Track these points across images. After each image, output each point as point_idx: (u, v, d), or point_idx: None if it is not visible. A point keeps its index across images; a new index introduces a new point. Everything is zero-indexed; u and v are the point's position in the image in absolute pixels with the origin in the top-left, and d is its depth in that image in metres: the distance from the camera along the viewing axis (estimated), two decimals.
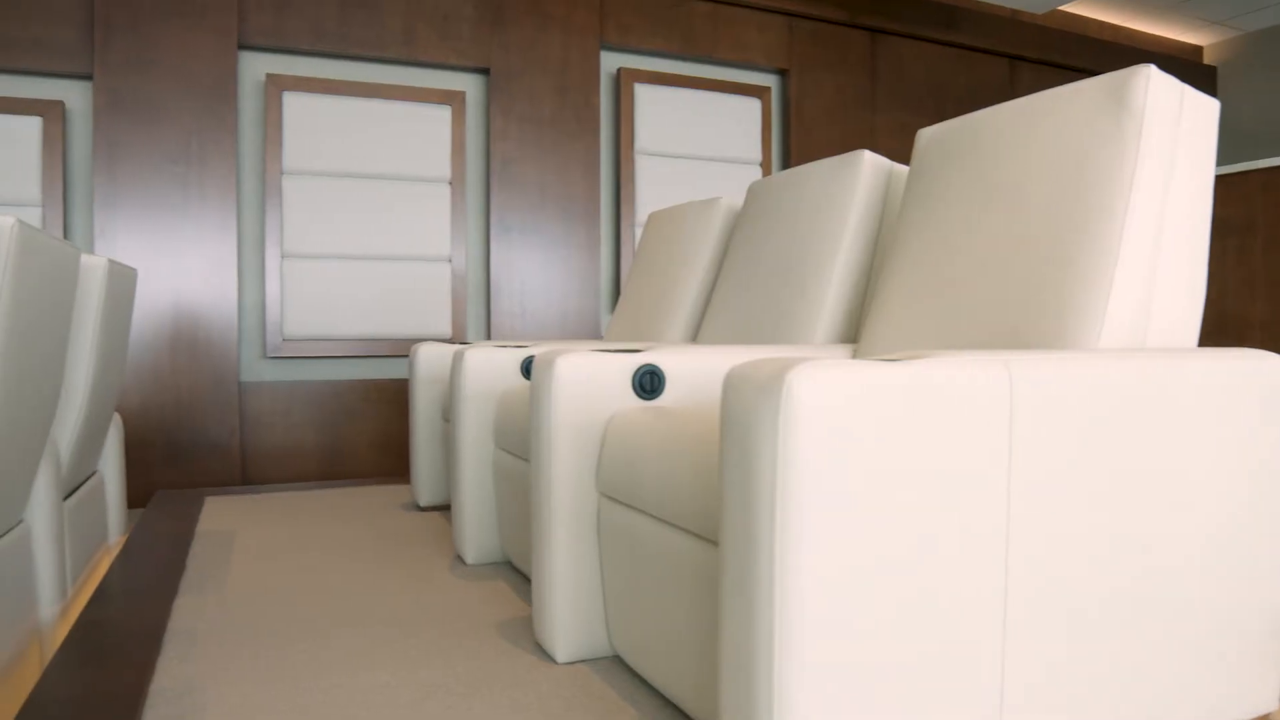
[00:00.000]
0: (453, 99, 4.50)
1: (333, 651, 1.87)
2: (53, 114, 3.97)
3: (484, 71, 4.60)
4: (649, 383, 1.73)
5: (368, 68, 4.44)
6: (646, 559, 1.56)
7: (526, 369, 2.47)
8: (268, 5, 4.22)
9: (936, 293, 1.75)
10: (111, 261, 2.22)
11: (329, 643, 1.93)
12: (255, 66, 4.28)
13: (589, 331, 4.74)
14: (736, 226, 2.78)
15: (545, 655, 1.83)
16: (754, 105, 5.12)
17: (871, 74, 5.51)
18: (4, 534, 1.82)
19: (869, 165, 2.28)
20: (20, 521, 1.95)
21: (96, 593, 2.26)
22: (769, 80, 5.30)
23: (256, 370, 4.24)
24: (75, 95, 4.07)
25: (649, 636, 1.58)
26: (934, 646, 1.08)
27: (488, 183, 4.58)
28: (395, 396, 4.39)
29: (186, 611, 2.15)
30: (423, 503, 3.29)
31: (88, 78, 4.05)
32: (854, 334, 2.28)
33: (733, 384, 1.05)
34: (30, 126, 3.92)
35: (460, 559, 2.59)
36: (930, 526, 1.06)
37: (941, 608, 1.08)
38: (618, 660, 1.80)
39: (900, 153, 5.55)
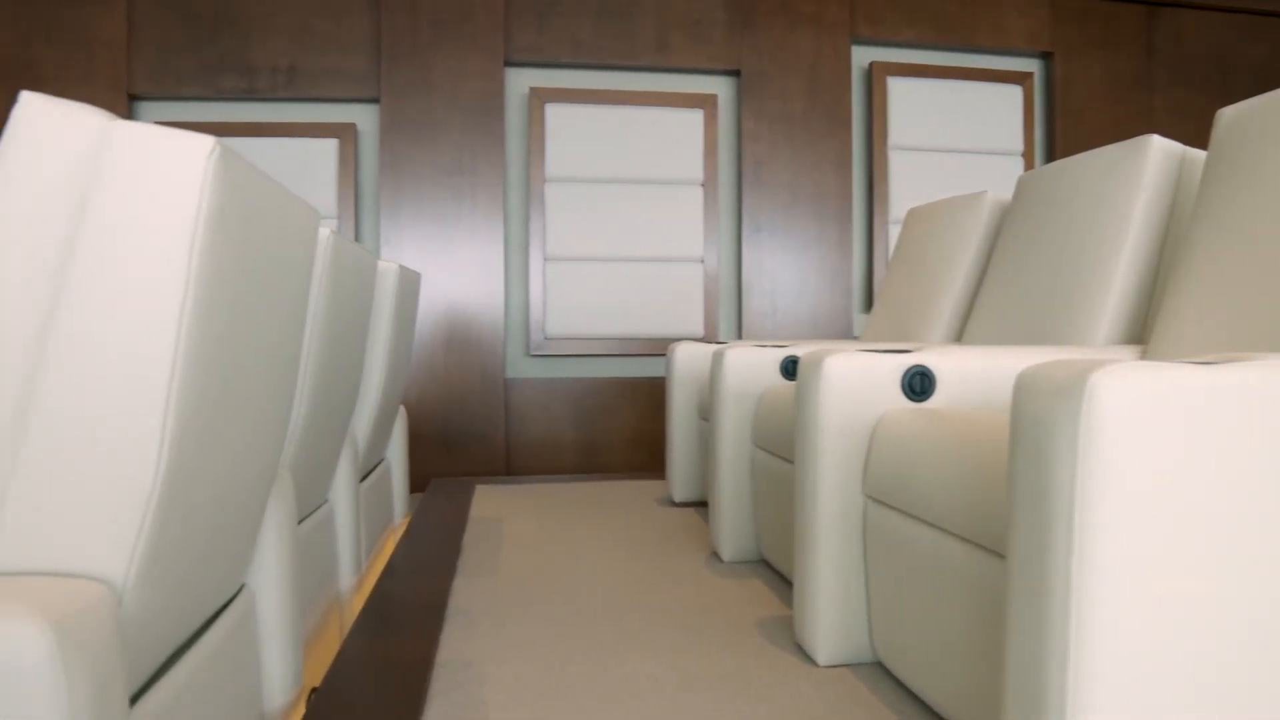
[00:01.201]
0: (704, 102, 4.56)
1: (596, 637, 1.95)
2: (346, 135, 4.37)
3: (735, 74, 4.63)
4: (919, 384, 1.68)
5: (623, 76, 4.58)
6: (916, 564, 1.51)
7: (786, 368, 2.47)
8: (530, 24, 4.45)
9: (1243, 290, 1.59)
10: (401, 266, 2.43)
11: (592, 629, 2.00)
12: (519, 81, 4.52)
13: (840, 331, 4.66)
14: (1005, 221, 2.64)
15: (805, 657, 1.81)
16: (1014, 93, 4.84)
17: (1147, 51, 5.07)
18: (313, 512, 2.02)
19: (1157, 151, 2.10)
20: (325, 501, 2.16)
21: (386, 569, 2.46)
22: (1031, 65, 4.99)
23: (520, 367, 4.49)
24: (365, 118, 4.46)
25: (916, 644, 1.53)
26: (1255, 680, 0.98)
27: (739, 184, 4.61)
28: (650, 394, 4.50)
29: (464, 591, 2.31)
30: (678, 498, 3.35)
31: (375, 101, 4.43)
32: (1138, 335, 2.10)
33: (1026, 387, 1.00)
34: (328, 148, 4.34)
35: (716, 556, 2.62)
36: (1256, 551, 0.96)
37: (1264, 642, 0.97)
38: (880, 666, 1.76)
39: (1183, 136, 5.08)
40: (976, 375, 1.73)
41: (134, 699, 1.00)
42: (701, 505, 3.36)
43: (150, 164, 0.85)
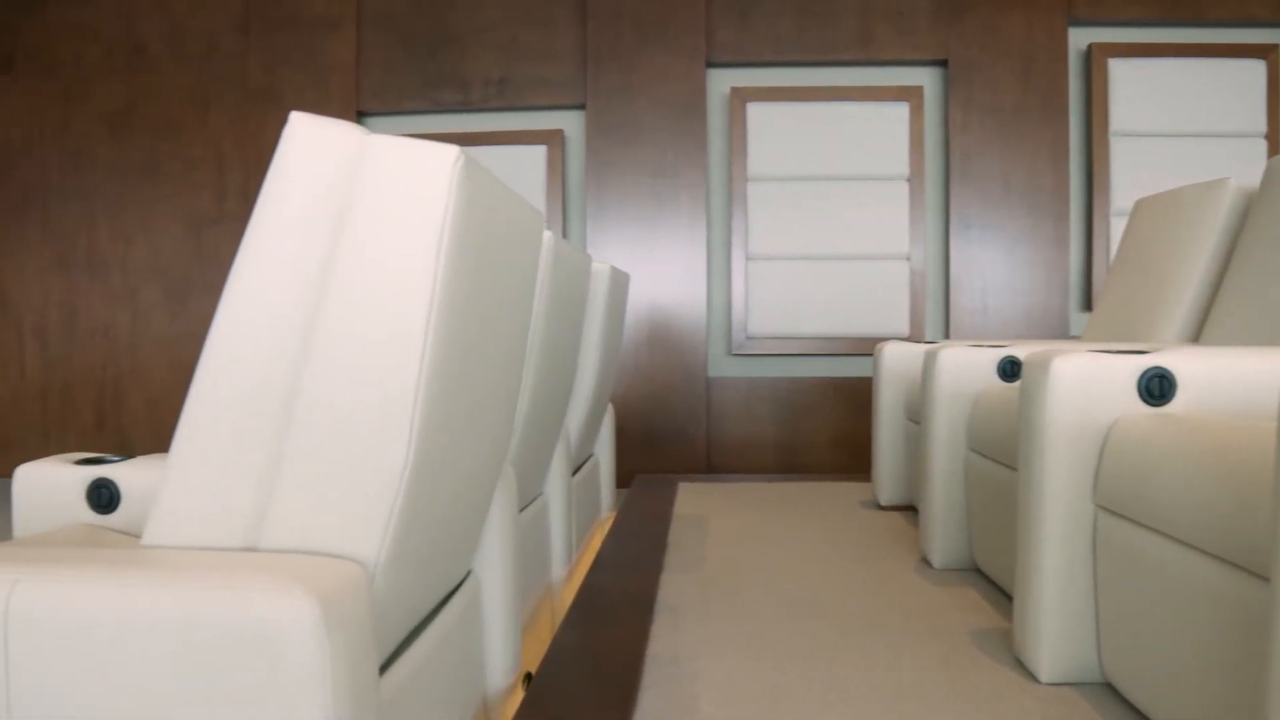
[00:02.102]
0: (910, 95, 4.43)
1: (805, 639, 1.93)
2: (554, 141, 4.53)
3: (942, 64, 4.47)
4: (1157, 387, 1.56)
5: (825, 72, 4.51)
6: (1155, 580, 1.41)
7: (1004, 370, 2.36)
8: (731, 24, 4.46)
9: None
10: (613, 268, 2.49)
11: (800, 630, 1.99)
12: (721, 81, 4.54)
13: (1056, 331, 4.41)
14: (1252, 210, 2.42)
15: (1026, 673, 1.73)
16: (1256, 68, 4.41)
17: None
18: (530, 503, 2.11)
19: None
20: (540, 494, 2.25)
21: (595, 562, 2.53)
22: (1275, 36, 4.54)
23: (722, 366, 4.51)
24: (572, 124, 4.61)
25: (1153, 666, 1.43)
26: None
27: (946, 178, 4.45)
28: (852, 394, 4.42)
29: (672, 586, 2.34)
30: (884, 501, 3.27)
31: (581, 107, 4.57)
32: None
33: None
34: (537, 154, 4.52)
35: (926, 562, 2.54)
36: None
37: None
38: (1108, 687, 1.65)
39: None
40: (1226, 379, 1.60)
41: (381, 670, 1.07)
42: (909, 509, 3.27)
43: (401, 173, 0.92)
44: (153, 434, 4.93)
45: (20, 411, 5.09)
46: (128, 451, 4.84)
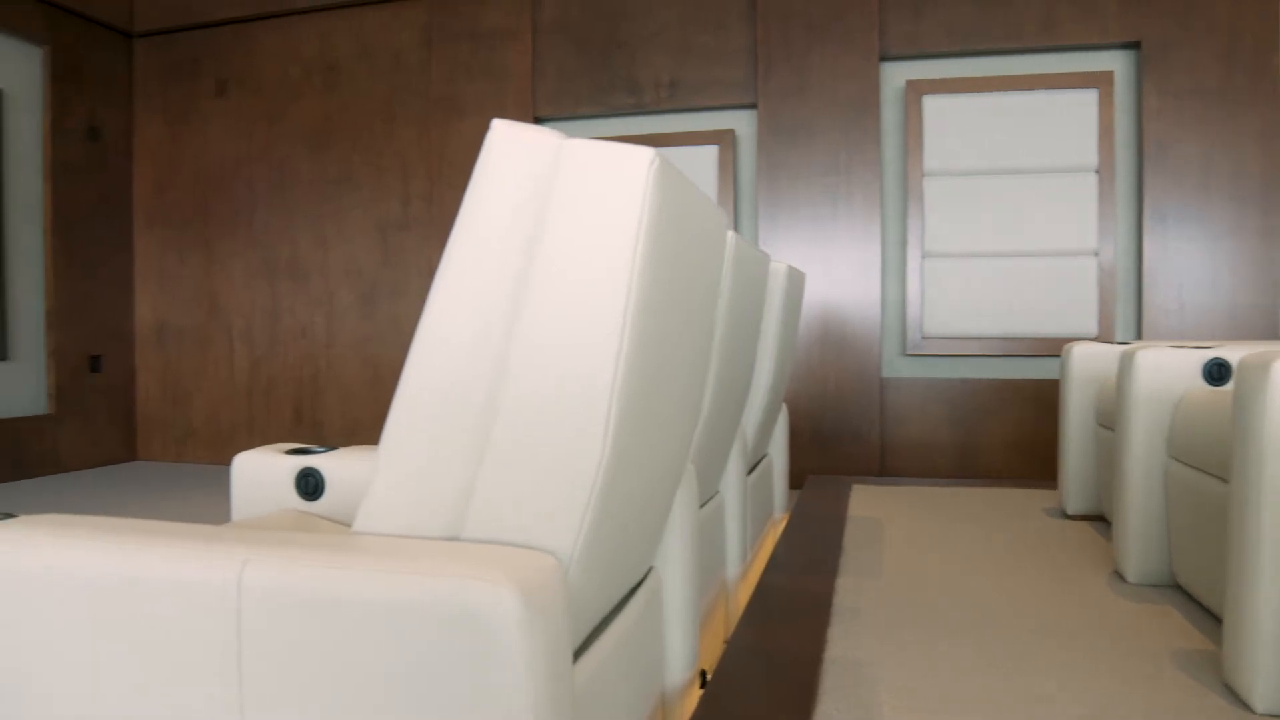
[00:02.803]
0: (1099, 81, 4.19)
1: (988, 650, 1.86)
2: (726, 142, 4.53)
3: (1134, 46, 4.20)
4: None
5: (1005, 61, 4.33)
6: None
7: (1210, 372, 2.20)
8: (906, 16, 4.34)
9: None
10: (790, 266, 2.47)
11: (982, 640, 1.91)
12: (895, 75, 4.43)
13: (1263, 332, 4.08)
14: None
15: (1238, 701, 1.61)
16: None
17: None
18: (707, 501, 2.12)
19: None
20: (717, 493, 2.25)
21: (770, 563, 2.52)
22: None
23: (896, 366, 4.40)
24: (743, 123, 4.60)
25: None
26: None
27: (1139, 168, 4.18)
28: (1034, 396, 4.22)
29: (848, 590, 2.30)
30: (1070, 510, 3.11)
31: (753, 107, 4.55)
32: None
33: None
34: (709, 154, 4.53)
35: (1119, 576, 2.40)
36: None
37: None
38: None
39: None
40: None
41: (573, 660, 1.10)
42: (1098, 519, 3.10)
43: (598, 175, 0.94)
44: (345, 427, 5.24)
45: (229, 406, 5.52)
46: (322, 443, 5.18)
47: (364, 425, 5.19)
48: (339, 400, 5.24)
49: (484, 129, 4.90)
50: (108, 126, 5.58)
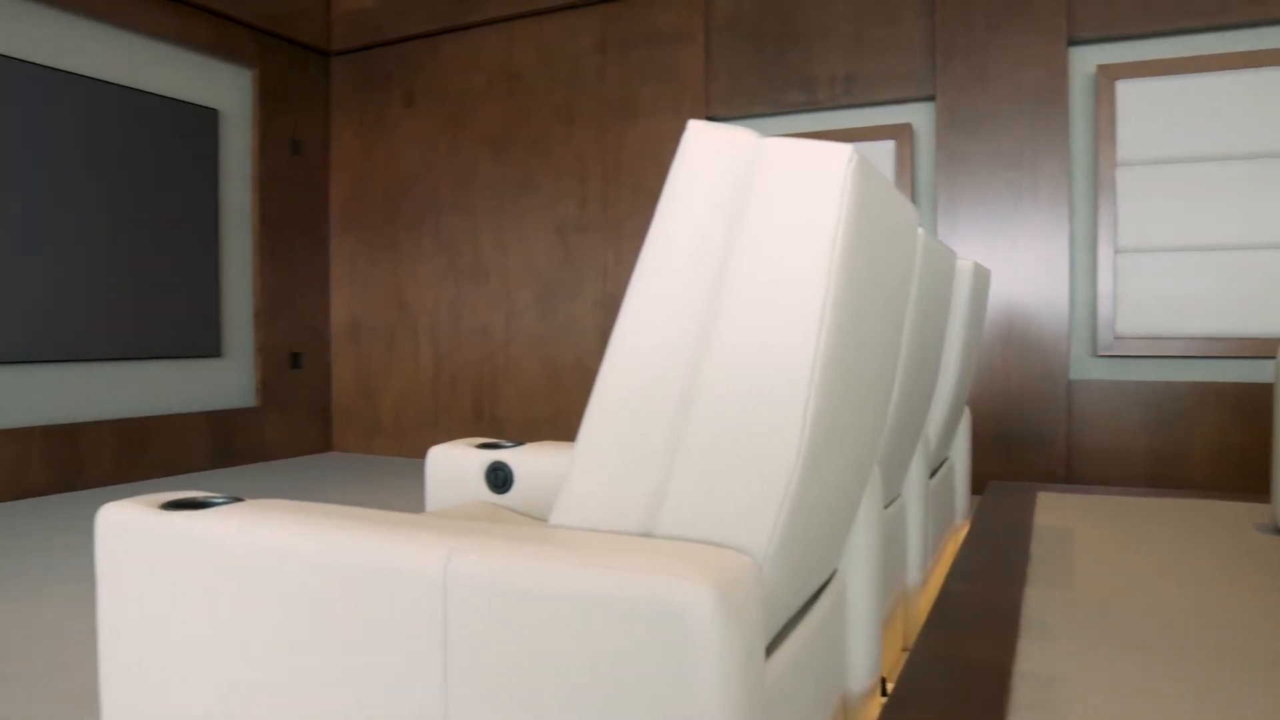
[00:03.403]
0: None
1: (1196, 675, 1.73)
2: (903, 136, 4.41)
3: None
4: None
5: (1209, 39, 4.03)
6: None
7: None
8: None
9: None
10: (976, 264, 2.39)
11: (1192, 664, 1.79)
12: (1084, 61, 4.20)
13: None
14: None
15: None
16: None
17: None
18: (889, 504, 2.07)
19: None
20: (899, 496, 2.20)
21: (953, 570, 2.44)
22: None
23: (1086, 368, 4.17)
24: (921, 117, 4.46)
25: None
26: None
27: None
28: (1241, 401, 3.92)
29: (1037, 602, 2.20)
30: None
31: (931, 99, 4.42)
32: None
33: None
34: (885, 149, 4.43)
35: None
36: None
37: None
38: None
39: None
40: None
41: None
42: None
43: (796, 173, 0.93)
44: (523, 423, 5.41)
45: (414, 400, 5.80)
46: (501, 438, 5.35)
47: (541, 421, 5.35)
48: (517, 397, 5.42)
49: (658, 131, 4.96)
50: (308, 139, 5.97)
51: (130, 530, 1.21)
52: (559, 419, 5.26)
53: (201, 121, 5.33)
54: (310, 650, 1.05)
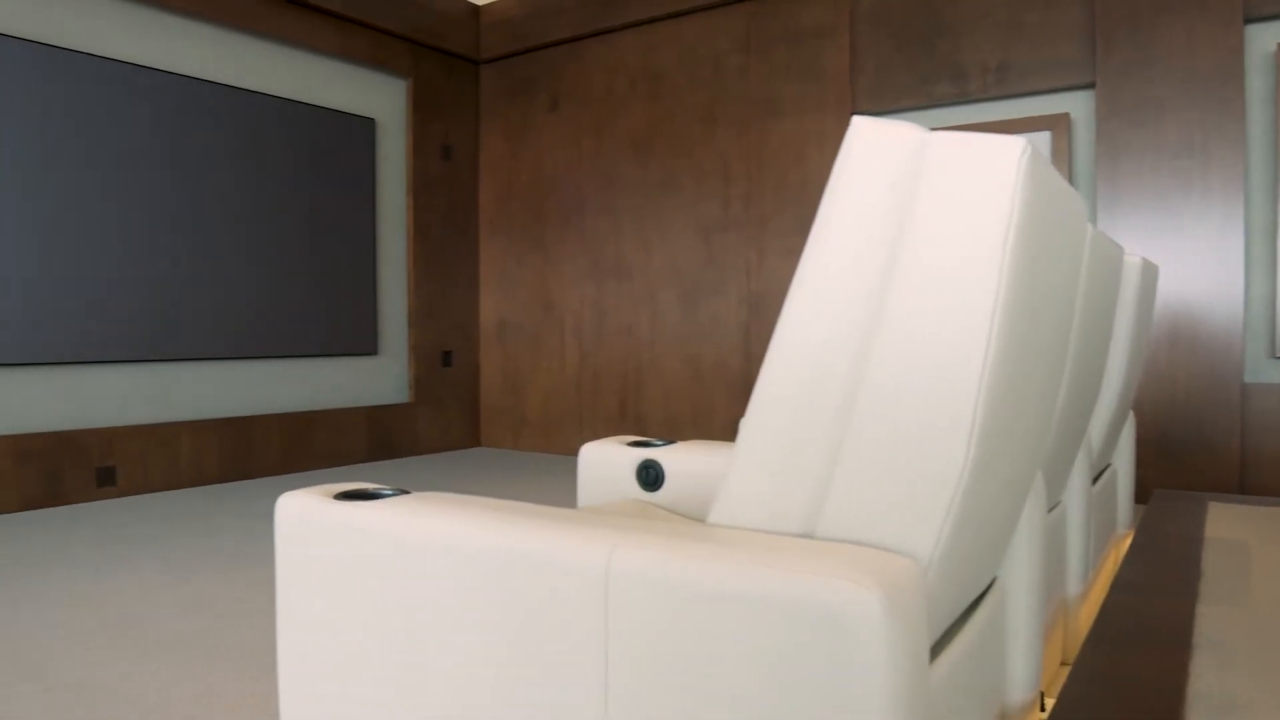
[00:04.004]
0: None
1: None
2: (1059, 126, 4.23)
3: None
4: None
5: None
6: None
7: None
8: None
9: None
10: (1144, 260, 2.27)
11: None
12: (1263, 39, 3.92)
13: None
14: None
15: None
16: None
17: None
18: (1050, 511, 1.99)
19: None
20: (1059, 503, 2.11)
21: (1117, 582, 2.32)
22: None
23: (1263, 370, 3.90)
24: (1079, 106, 4.27)
25: None
26: None
27: None
28: None
29: (1210, 619, 2.07)
30: None
31: (1090, 87, 4.21)
32: None
33: None
34: (1040, 141, 4.25)
35: None
36: None
37: None
38: None
39: None
40: None
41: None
42: None
43: (966, 168, 0.91)
44: (665, 420, 5.45)
45: (560, 398, 5.93)
46: (644, 435, 5.41)
47: (683, 419, 5.38)
48: (660, 395, 5.46)
49: (802, 130, 4.91)
50: (458, 145, 6.18)
51: (306, 518, 1.28)
52: (701, 417, 5.28)
53: (360, 131, 5.58)
54: (473, 640, 1.09)
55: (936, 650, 1.16)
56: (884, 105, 4.68)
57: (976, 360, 0.91)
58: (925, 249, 0.93)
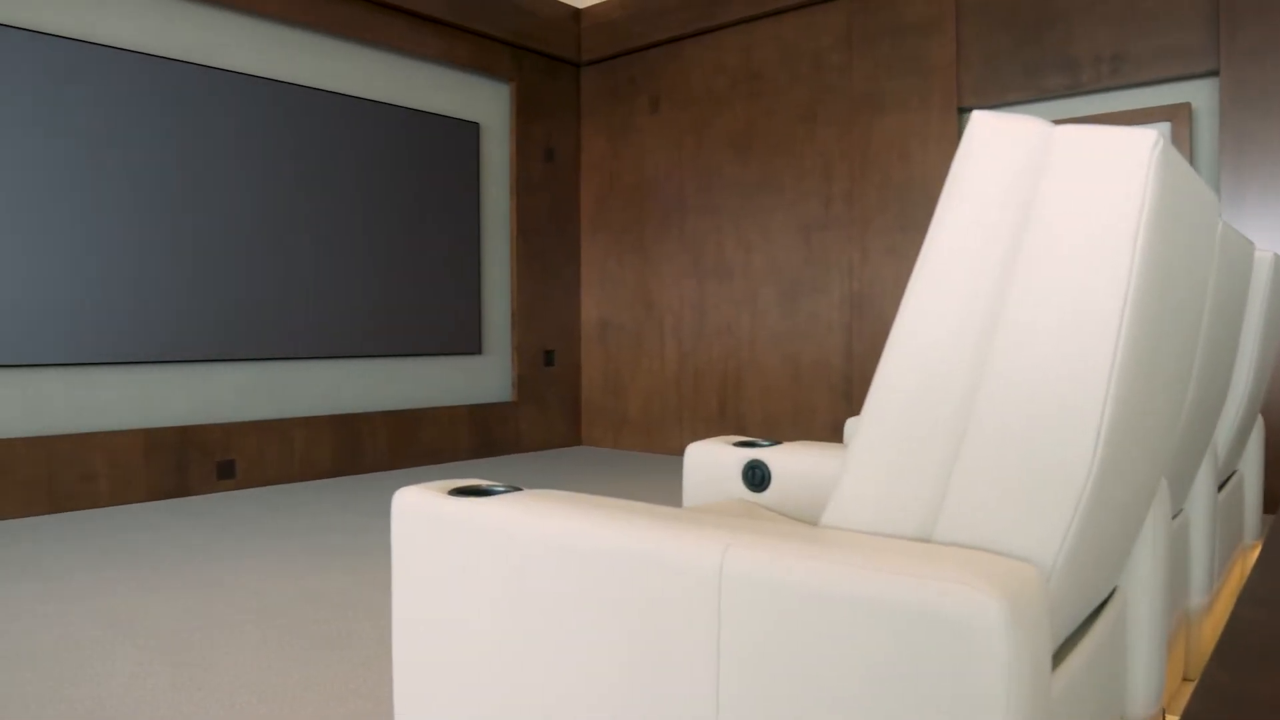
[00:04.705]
0: None
1: None
2: (1180, 117, 4.05)
3: None
4: None
5: None
6: None
7: None
8: None
9: None
10: (1276, 255, 2.16)
11: None
12: None
13: None
14: None
15: None
16: None
17: None
18: (1174, 517, 1.91)
19: None
20: (1182, 510, 2.03)
21: (1244, 594, 2.21)
22: None
23: None
24: (1201, 95, 4.08)
25: None
26: None
27: None
28: None
29: None
30: None
31: (1213, 75, 4.03)
32: None
33: None
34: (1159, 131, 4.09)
35: None
36: None
37: None
38: None
39: None
40: None
41: None
42: None
43: (1094, 162, 0.88)
44: (765, 420, 5.42)
45: (660, 397, 5.95)
46: (743, 434, 5.39)
47: (783, 419, 5.34)
48: (760, 394, 5.43)
49: (906, 126, 4.82)
50: (560, 147, 6.26)
51: (422, 514, 1.31)
52: (801, 416, 5.23)
53: (464, 135, 5.70)
54: (585, 637, 1.10)
55: (1056, 660, 1.13)
56: (990, 99, 4.56)
57: (1105, 358, 0.88)
58: (1050, 245, 0.90)
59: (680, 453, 5.82)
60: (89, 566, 3.22)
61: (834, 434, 5.10)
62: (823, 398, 5.13)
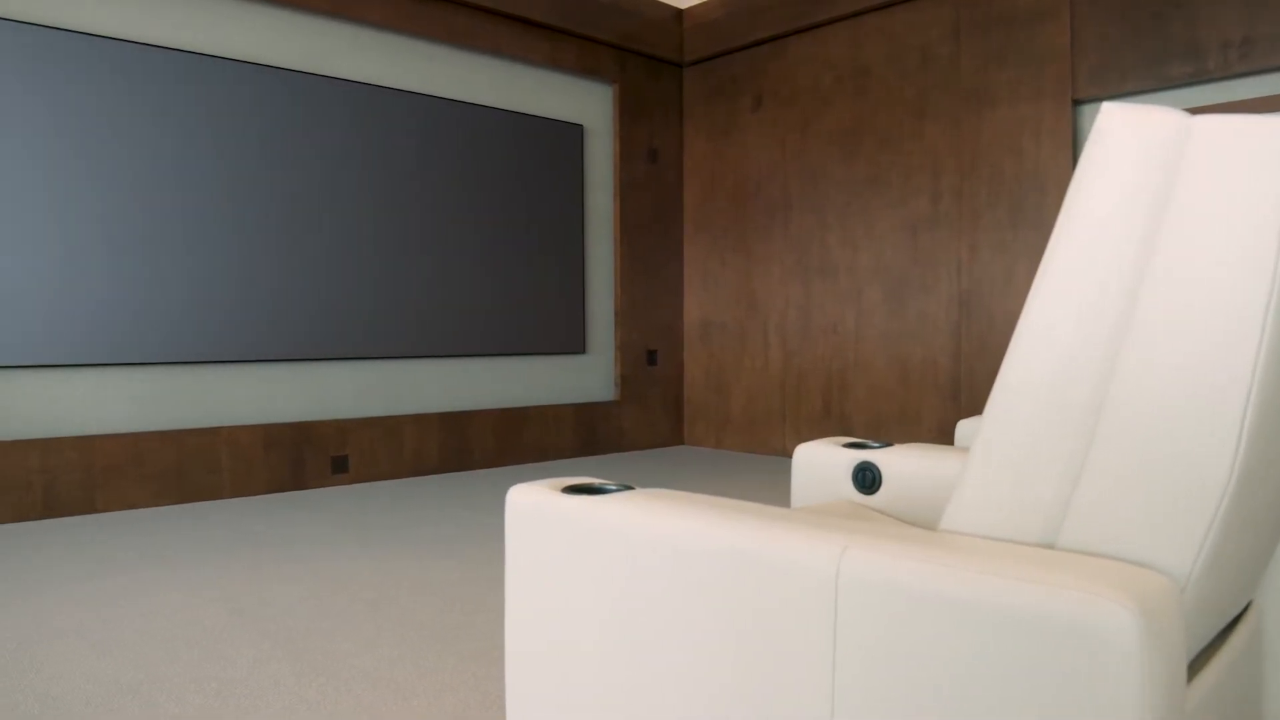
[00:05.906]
0: None
1: None
2: None
3: None
4: None
5: None
6: None
7: None
8: None
9: None
10: None
11: None
12: None
13: None
14: None
15: None
16: None
17: None
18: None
19: None
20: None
21: None
22: None
23: None
24: None
25: None
26: None
27: None
28: None
29: None
30: None
31: None
32: None
33: None
34: None
35: None
36: None
37: None
38: None
39: None
40: None
41: None
42: None
43: (1237, 155, 0.84)
44: (871, 420, 5.34)
45: (763, 396, 5.91)
46: (848, 435, 5.33)
47: (890, 419, 5.25)
48: (866, 394, 5.35)
49: (1017, 119, 4.68)
50: (663, 148, 6.28)
51: (537, 511, 1.33)
52: (908, 417, 5.13)
53: (569, 136, 5.77)
54: (699, 637, 1.11)
55: (1190, 674, 1.08)
56: (1108, 89, 4.39)
57: (1246, 359, 0.84)
58: (1188, 240, 0.86)
59: (783, 453, 5.78)
60: (213, 555, 3.37)
61: (941, 436, 4.99)
62: (930, 399, 5.03)
